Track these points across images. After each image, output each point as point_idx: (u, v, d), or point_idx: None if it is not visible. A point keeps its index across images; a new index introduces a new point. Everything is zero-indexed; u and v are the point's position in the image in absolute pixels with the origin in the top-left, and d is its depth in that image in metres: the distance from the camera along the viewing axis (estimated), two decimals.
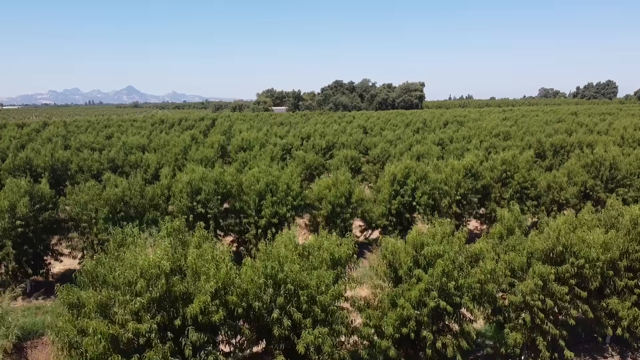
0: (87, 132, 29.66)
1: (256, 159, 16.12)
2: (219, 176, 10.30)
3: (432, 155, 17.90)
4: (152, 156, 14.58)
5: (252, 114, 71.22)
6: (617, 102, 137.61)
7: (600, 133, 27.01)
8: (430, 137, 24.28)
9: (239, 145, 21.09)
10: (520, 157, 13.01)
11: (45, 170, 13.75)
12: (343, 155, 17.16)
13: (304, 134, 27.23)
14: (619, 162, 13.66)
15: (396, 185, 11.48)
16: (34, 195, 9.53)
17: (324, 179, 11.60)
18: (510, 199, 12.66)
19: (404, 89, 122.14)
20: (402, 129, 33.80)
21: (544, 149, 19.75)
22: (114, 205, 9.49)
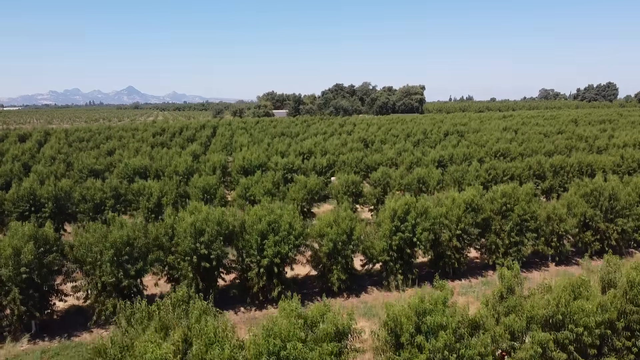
0: (89, 147, 29.77)
1: (258, 184, 16.23)
2: (221, 217, 10.38)
3: (432, 179, 18.01)
4: (155, 185, 14.68)
5: (253, 119, 71.31)
6: (617, 105, 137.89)
7: (600, 149, 27.12)
8: (430, 155, 24.37)
9: (240, 165, 21.20)
10: (520, 189, 13.09)
11: (48, 200, 13.83)
12: (344, 180, 17.25)
13: (305, 149, 27.33)
14: (618, 192, 13.76)
15: (396, 221, 11.58)
16: (39, 239, 9.63)
17: (325, 216, 11.68)
18: (510, 231, 12.76)
19: (404, 92, 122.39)
20: (403, 142, 33.89)
21: (543, 170, 19.85)
22: (119, 248, 9.59)
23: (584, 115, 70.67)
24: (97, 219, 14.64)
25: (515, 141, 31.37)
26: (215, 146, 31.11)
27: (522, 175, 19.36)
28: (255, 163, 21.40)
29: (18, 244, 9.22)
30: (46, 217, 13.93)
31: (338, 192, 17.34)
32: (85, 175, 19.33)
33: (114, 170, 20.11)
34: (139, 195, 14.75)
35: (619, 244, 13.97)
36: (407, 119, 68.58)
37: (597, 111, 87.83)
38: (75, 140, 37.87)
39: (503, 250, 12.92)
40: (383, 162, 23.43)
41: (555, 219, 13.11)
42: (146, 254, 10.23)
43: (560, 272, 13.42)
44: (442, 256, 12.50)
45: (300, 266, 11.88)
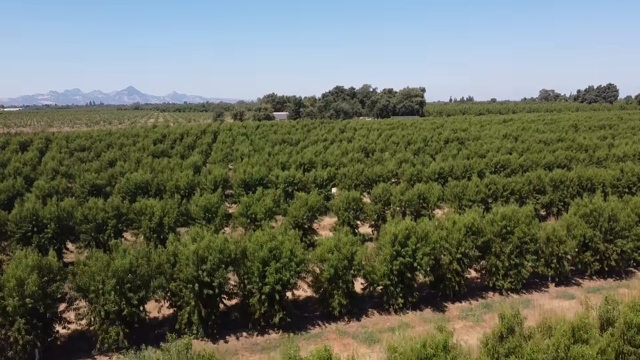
0: (90, 157, 29.85)
1: (259, 202, 16.31)
2: (224, 244, 10.47)
3: (433, 195, 18.08)
4: (156, 204, 14.75)
5: (254, 123, 71.42)
6: (617, 107, 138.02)
7: (600, 159, 27.19)
8: (431, 166, 24.46)
9: (241, 179, 21.29)
10: (520, 211, 13.17)
11: (51, 221, 13.92)
12: (345, 197, 17.33)
13: (305, 160, 27.41)
14: (618, 212, 13.83)
15: (397, 246, 11.66)
16: (42, 268, 9.71)
17: (326, 240, 11.76)
18: (510, 253, 12.84)
19: (405, 94, 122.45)
20: (403, 151, 34.00)
21: (543, 185, 19.92)
22: (122, 277, 9.68)
23: (584, 119, 70.72)
24: (99, 238, 14.75)
25: (515, 151, 31.45)
26: (216, 155, 31.19)
27: (522, 190, 19.43)
28: (257, 177, 21.49)
29: (22, 275, 9.31)
30: (49, 238, 14.02)
31: (339, 209, 17.41)
32: (87, 190, 19.40)
33: (115, 185, 20.18)
34: (140, 214, 14.83)
35: (619, 265, 14.04)
36: (408, 123, 68.66)
37: (597, 114, 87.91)
38: (77, 148, 37.98)
39: (503, 272, 12.99)
40: (383, 174, 23.51)
41: (555, 241, 13.19)
42: (148, 282, 10.31)
43: (560, 293, 13.51)
44: (443, 279, 12.58)
45: (301, 284, 11.93)
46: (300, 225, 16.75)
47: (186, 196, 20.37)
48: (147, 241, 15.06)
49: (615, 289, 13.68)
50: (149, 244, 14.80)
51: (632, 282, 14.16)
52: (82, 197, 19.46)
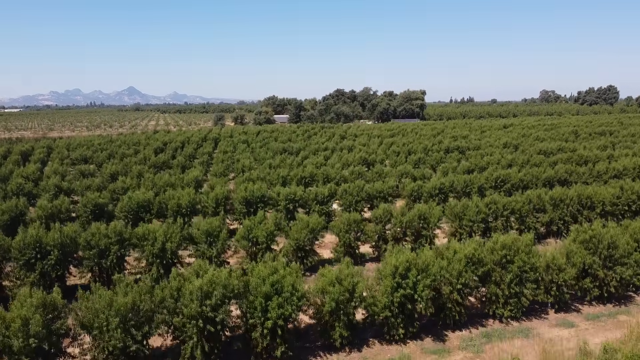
0: (92, 171, 29.95)
1: (261, 225, 16.42)
2: (227, 279, 10.58)
3: (433, 215, 18.17)
4: (159, 229, 14.86)
5: (254, 129, 71.52)
6: (618, 109, 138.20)
7: (600, 174, 27.27)
8: (432, 182, 24.55)
9: (243, 196, 21.39)
10: (520, 240, 13.26)
11: (54, 247, 14.03)
12: (346, 219, 17.43)
13: (306, 174, 27.53)
14: (617, 239, 13.92)
15: (398, 278, 11.76)
16: (47, 306, 9.82)
17: (327, 272, 11.86)
18: (510, 282, 12.94)
19: (405, 97, 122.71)
20: (404, 162, 34.10)
21: (543, 204, 20.01)
22: (125, 315, 9.79)
23: (584, 124, 70.86)
24: (101, 264, 14.86)
25: (515, 163, 31.55)
26: (217, 167, 31.27)
27: (522, 210, 19.51)
28: (258, 194, 21.60)
29: (27, 314, 9.41)
30: (52, 265, 14.14)
31: (340, 231, 17.51)
32: (90, 210, 19.50)
33: (118, 204, 20.29)
34: (143, 239, 14.93)
35: (618, 291, 14.14)
36: (408, 128, 68.76)
37: (597, 118, 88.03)
38: (78, 159, 38.09)
39: (503, 301, 13.09)
40: (384, 190, 23.61)
41: (555, 269, 13.29)
42: (152, 317, 10.42)
43: (559, 321, 13.59)
44: (443, 308, 12.67)
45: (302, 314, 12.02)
46: (302, 248, 16.88)
47: (188, 215, 20.53)
48: (150, 266, 15.18)
49: (614, 316, 13.79)
50: (152, 270, 14.96)
51: (631, 308, 14.25)
52: (85, 217, 19.57)
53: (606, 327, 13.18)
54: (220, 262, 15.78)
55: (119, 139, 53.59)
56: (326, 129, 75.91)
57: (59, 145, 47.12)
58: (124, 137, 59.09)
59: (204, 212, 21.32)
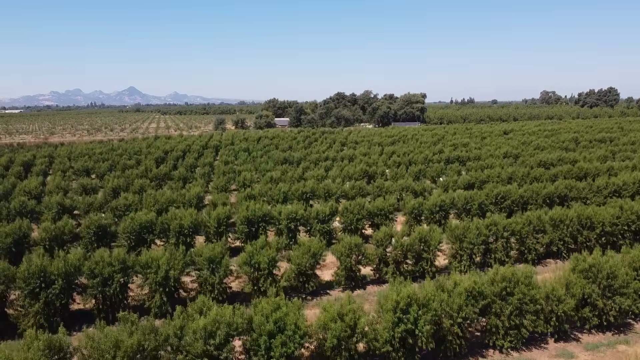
0: (93, 185, 30.08)
1: (263, 250, 16.55)
2: (231, 317, 10.72)
3: (434, 238, 18.29)
4: (162, 257, 15.01)
5: (255, 134, 71.64)
6: (618, 112, 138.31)
7: (600, 190, 27.38)
8: (432, 199, 24.68)
9: (245, 216, 21.53)
10: (520, 272, 13.39)
11: (58, 276, 14.18)
12: (347, 243, 17.57)
13: (307, 190, 27.64)
14: (617, 269, 14.04)
15: (399, 313, 11.89)
16: (53, 348, 9.96)
17: (329, 306, 11.98)
18: (510, 314, 13.06)
19: (406, 100, 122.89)
20: (404, 174, 34.22)
21: (543, 225, 20.13)
22: (132, 356, 9.92)
23: (584, 130, 70.99)
24: (105, 292, 15.00)
25: (515, 177, 31.67)
26: (219, 180, 31.38)
27: (522, 231, 19.63)
28: (259, 214, 21.75)
29: (33, 358, 9.55)
30: (56, 294, 14.27)
31: (341, 255, 17.64)
32: (93, 231, 19.64)
33: (120, 224, 20.43)
34: (146, 267, 15.07)
35: (617, 320, 14.26)
36: (409, 134, 68.88)
37: (597, 123, 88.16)
38: (80, 170, 38.23)
39: (503, 332, 13.21)
40: (385, 208, 23.72)
41: (554, 300, 13.41)
42: (157, 356, 10.55)
43: (559, 351, 13.71)
44: (444, 340, 12.80)
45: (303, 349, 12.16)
46: (303, 273, 17.03)
47: (190, 235, 20.67)
48: (153, 293, 15.33)
49: (613, 346, 13.90)
50: (155, 298, 15.11)
51: (630, 336, 14.36)
52: (88, 239, 19.72)
53: (605, 357, 13.31)
54: (222, 289, 15.92)
55: (120, 147, 53.71)
56: (327, 134, 76.07)
57: (60, 154, 47.27)
58: (125, 144, 59.23)
59: (206, 232, 21.47)
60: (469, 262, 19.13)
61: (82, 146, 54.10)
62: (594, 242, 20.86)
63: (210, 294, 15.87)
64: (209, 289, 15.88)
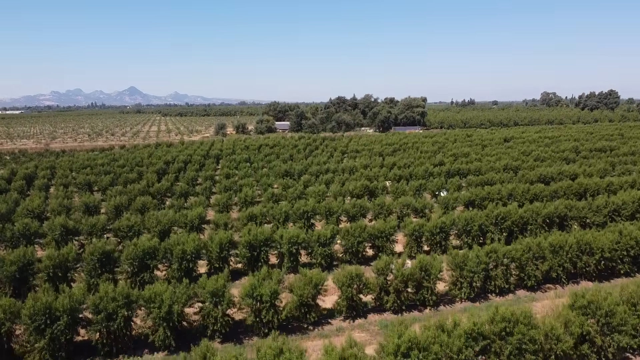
0: (96, 202, 30.25)
1: (265, 282, 16.73)
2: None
3: (435, 267, 18.47)
4: (166, 292, 15.20)
5: (256, 142, 71.83)
6: (619, 115, 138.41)
7: (600, 209, 27.53)
8: (433, 220, 24.81)
9: (247, 240, 21.72)
10: (519, 312, 13.55)
11: (63, 313, 14.36)
12: (348, 272, 17.74)
13: (309, 209, 27.78)
14: (615, 307, 14.20)
15: (400, 357, 12.05)
16: None
17: (330, 352, 12.15)
18: (510, 354, 13.22)
19: (406, 105, 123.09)
20: (406, 191, 34.37)
21: (542, 251, 20.29)
22: None
23: (584, 137, 71.13)
24: (109, 326, 15.18)
25: (515, 194, 31.83)
26: (220, 197, 31.55)
27: (522, 258, 19.80)
28: (261, 238, 21.93)
29: None
30: (61, 330, 14.45)
31: (342, 285, 17.80)
32: (97, 258, 19.82)
33: (124, 251, 20.60)
34: (150, 302, 15.25)
35: (615, 357, 14.42)
36: (409, 142, 69.05)
37: (598, 129, 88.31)
38: (82, 184, 38.41)
39: None
40: (386, 230, 23.87)
41: (553, 339, 13.57)
42: None
43: None
44: None
45: None
46: (305, 304, 17.19)
47: (192, 260, 20.85)
48: (156, 327, 15.51)
49: None
50: (159, 332, 15.29)
51: None
52: (92, 265, 19.88)
53: None
54: (225, 322, 16.09)
55: (121, 157, 53.88)
56: (328, 140, 76.26)
57: (62, 165, 47.47)
58: (127, 153, 59.43)
59: (209, 256, 21.64)
60: (469, 289, 19.32)
61: (83, 156, 54.29)
62: (594, 267, 21.07)
63: (213, 326, 16.09)
64: (211, 322, 16.06)
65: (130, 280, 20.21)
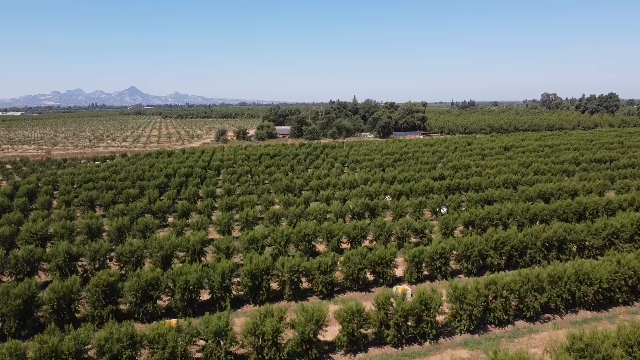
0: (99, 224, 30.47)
1: (267, 319, 16.95)
2: None
3: (434, 301, 18.68)
4: (169, 334, 15.43)
5: (257, 151, 72.05)
6: (619, 120, 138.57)
7: (599, 232, 27.74)
8: (433, 245, 25.04)
9: (248, 269, 21.96)
10: (519, 355, 13.76)
11: (69, 355, 14.59)
12: (349, 308, 17.96)
13: (309, 232, 28.00)
14: (612, 351, 14.42)
15: None
16: None
17: None
18: None
19: (406, 110, 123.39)
20: (406, 207, 34.60)
21: (541, 283, 20.50)
22: None
23: (584, 147, 71.26)
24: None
25: (515, 214, 32.06)
26: (222, 216, 31.76)
27: (521, 291, 20.03)
28: (263, 267, 22.17)
29: None
30: None
31: (343, 320, 18.03)
32: (101, 290, 20.05)
33: (126, 282, 20.82)
34: (154, 343, 15.48)
35: None
36: (410, 151, 69.27)
37: (598, 136, 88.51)
38: (84, 200, 38.65)
39: None
40: (386, 257, 24.08)
41: None
42: None
43: None
44: None
45: None
46: (307, 340, 17.42)
47: (195, 290, 21.08)
48: None
49: None
50: None
51: None
52: (96, 297, 20.11)
53: None
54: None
55: (122, 169, 54.08)
56: (328, 149, 76.52)
57: (64, 180, 47.70)
58: (128, 164, 59.65)
59: (211, 286, 21.86)
60: (468, 321, 19.54)
61: (85, 168, 54.47)
62: (592, 297, 21.28)
63: None
64: None
65: (134, 310, 20.48)
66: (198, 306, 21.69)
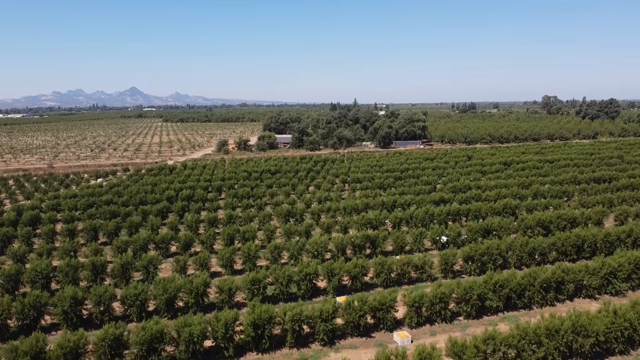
0: (102, 262, 30.88)
1: None
2: None
3: (435, 358, 19.04)
4: None
5: (258, 167, 72.44)
6: (619, 127, 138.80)
7: (596, 272, 28.12)
8: (433, 289, 25.42)
9: (251, 319, 22.34)
10: None
11: None
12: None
13: (311, 271, 28.38)
14: None
15: None
16: None
17: None
18: None
19: (407, 119, 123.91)
20: (406, 239, 34.97)
21: (539, 337, 20.87)
22: None
23: (584, 163, 71.51)
24: None
25: (514, 250, 32.43)
26: (223, 252, 32.16)
27: (519, 345, 20.40)
28: (265, 317, 22.56)
29: None
30: None
31: None
32: (107, 343, 20.45)
33: (132, 335, 21.20)
34: None
35: None
36: (410, 168, 69.65)
37: (598, 148, 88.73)
38: (88, 229, 39.08)
39: None
40: (387, 302, 24.46)
41: None
42: None
43: None
44: None
45: None
46: None
47: (199, 342, 21.47)
48: None
49: None
50: None
51: None
52: (102, 350, 20.51)
53: None
54: None
55: (125, 190, 54.50)
56: (329, 164, 76.92)
57: (67, 202, 48.11)
58: (131, 183, 60.05)
59: (215, 336, 22.25)
60: None
61: (87, 190, 54.86)
62: (589, 349, 21.64)
63: None
64: None
65: None
66: (201, 355, 22.10)
